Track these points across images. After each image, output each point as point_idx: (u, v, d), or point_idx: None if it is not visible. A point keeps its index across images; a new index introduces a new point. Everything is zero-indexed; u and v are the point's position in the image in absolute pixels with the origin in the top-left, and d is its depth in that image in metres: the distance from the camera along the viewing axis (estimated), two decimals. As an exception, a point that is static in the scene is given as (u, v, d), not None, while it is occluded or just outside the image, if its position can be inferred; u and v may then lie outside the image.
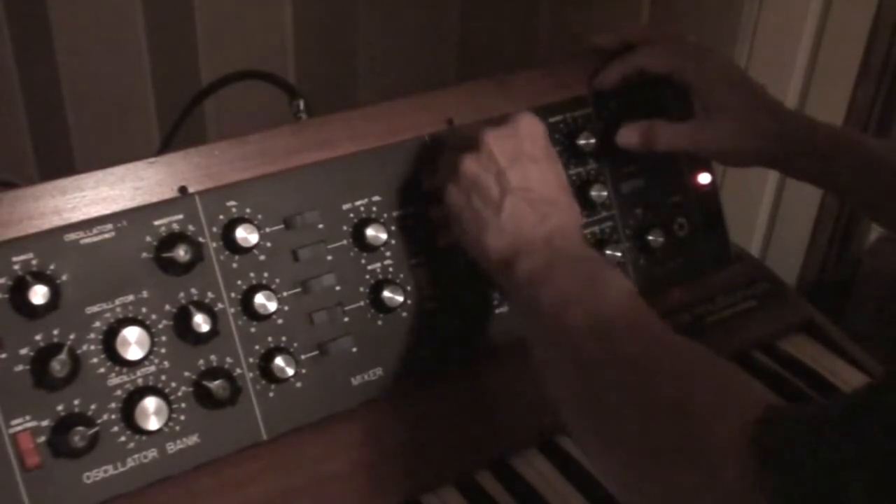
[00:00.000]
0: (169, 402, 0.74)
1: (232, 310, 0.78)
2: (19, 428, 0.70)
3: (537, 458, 0.84)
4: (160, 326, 0.75)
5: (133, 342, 0.72)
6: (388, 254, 0.85)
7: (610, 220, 0.97)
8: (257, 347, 0.79)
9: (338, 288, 0.82)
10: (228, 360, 0.78)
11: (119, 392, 0.74)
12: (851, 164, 0.88)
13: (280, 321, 0.80)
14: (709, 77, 0.90)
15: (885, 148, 0.89)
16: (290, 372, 0.78)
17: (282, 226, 0.80)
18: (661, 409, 0.58)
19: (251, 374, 0.78)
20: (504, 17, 1.43)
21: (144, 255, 0.75)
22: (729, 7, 1.19)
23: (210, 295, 0.77)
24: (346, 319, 0.83)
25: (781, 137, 0.89)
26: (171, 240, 0.75)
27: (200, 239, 0.77)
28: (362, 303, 0.83)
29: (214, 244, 0.77)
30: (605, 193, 0.94)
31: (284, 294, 0.80)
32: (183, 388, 0.76)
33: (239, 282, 0.78)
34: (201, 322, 0.75)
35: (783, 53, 1.19)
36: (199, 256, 0.76)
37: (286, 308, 0.80)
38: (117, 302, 0.74)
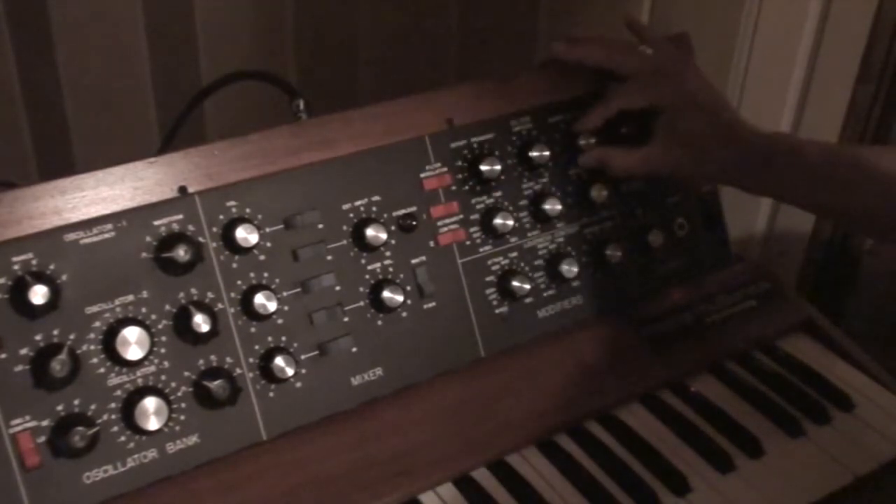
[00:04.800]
0: (169, 402, 0.74)
1: (232, 310, 0.78)
2: (19, 428, 0.70)
3: (537, 458, 0.84)
4: (160, 326, 0.75)
5: (133, 342, 0.72)
6: (388, 254, 0.85)
7: (610, 220, 0.97)
8: (257, 347, 0.79)
9: (338, 288, 0.82)
10: (228, 360, 0.78)
11: (119, 392, 0.74)
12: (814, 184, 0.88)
13: (280, 321, 0.80)
14: (678, 102, 0.91)
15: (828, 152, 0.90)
16: (290, 372, 0.78)
17: (282, 226, 0.80)
18: None
19: (251, 374, 0.78)
20: (504, 17, 1.43)
21: (144, 255, 0.75)
22: (729, 7, 1.19)
23: (210, 295, 0.77)
24: (346, 319, 0.83)
25: (736, 165, 0.90)
26: (171, 240, 0.75)
27: (200, 239, 0.77)
28: (362, 303, 0.83)
29: (214, 244, 0.77)
30: (605, 193, 0.94)
31: (284, 294, 0.80)
32: (183, 388, 0.76)
33: (239, 282, 0.78)
34: (201, 322, 0.75)
35: (783, 53, 1.19)
36: (199, 256, 0.76)
37: (286, 308, 0.80)
38: (117, 302, 0.74)
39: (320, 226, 0.82)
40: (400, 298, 0.83)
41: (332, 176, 0.83)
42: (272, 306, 0.78)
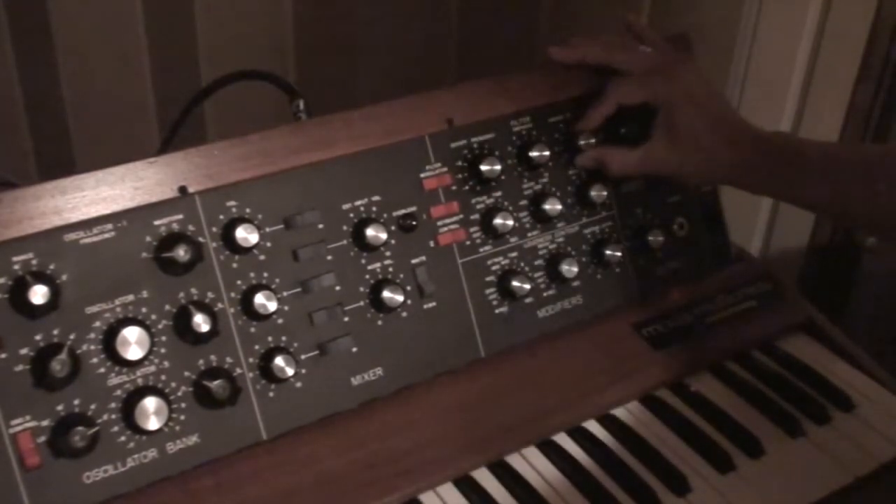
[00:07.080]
0: (169, 402, 0.74)
1: (232, 310, 0.78)
2: (19, 428, 0.70)
3: (537, 458, 0.84)
4: (160, 326, 0.75)
5: (133, 342, 0.72)
6: (388, 254, 0.85)
7: (610, 220, 0.97)
8: (257, 347, 0.79)
9: (338, 288, 0.82)
10: (228, 360, 0.78)
11: (119, 392, 0.74)
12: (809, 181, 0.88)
13: (280, 321, 0.80)
14: (675, 99, 0.90)
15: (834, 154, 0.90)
16: (290, 372, 0.78)
17: (282, 226, 0.80)
18: None
19: (251, 374, 0.78)
20: (504, 17, 1.43)
21: (144, 255, 0.75)
22: (729, 7, 1.19)
23: (210, 295, 0.77)
24: (346, 319, 0.83)
25: (736, 164, 0.90)
26: (171, 240, 0.75)
27: (200, 239, 0.77)
28: (362, 303, 0.83)
29: (214, 244, 0.77)
30: (605, 193, 0.94)
31: (284, 294, 0.80)
32: (183, 388, 0.76)
33: (239, 282, 0.78)
34: (201, 322, 0.75)
35: (783, 54, 1.19)
36: (199, 256, 0.76)
37: (286, 308, 0.80)
38: (117, 302, 0.74)
39: (320, 226, 0.82)
40: (400, 298, 0.83)
41: (332, 176, 0.83)
42: (272, 306, 0.78)
